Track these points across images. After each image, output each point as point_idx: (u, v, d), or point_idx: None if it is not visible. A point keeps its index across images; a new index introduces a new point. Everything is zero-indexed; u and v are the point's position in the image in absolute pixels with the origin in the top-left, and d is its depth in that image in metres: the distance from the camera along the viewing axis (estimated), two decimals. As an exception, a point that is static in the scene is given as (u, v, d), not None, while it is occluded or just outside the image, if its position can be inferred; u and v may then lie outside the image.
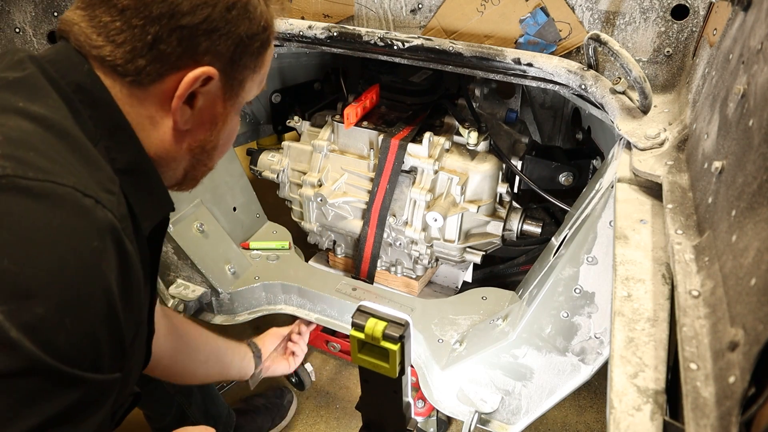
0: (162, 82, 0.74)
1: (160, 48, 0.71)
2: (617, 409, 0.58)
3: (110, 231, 0.64)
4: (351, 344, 1.01)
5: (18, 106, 0.66)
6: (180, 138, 0.80)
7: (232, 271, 1.65)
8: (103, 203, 0.64)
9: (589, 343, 1.18)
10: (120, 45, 0.71)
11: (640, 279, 0.74)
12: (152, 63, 0.72)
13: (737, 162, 0.63)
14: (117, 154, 0.73)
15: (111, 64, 0.72)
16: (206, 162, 0.87)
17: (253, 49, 0.79)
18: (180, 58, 0.73)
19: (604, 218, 1.06)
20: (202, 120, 0.80)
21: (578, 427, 1.73)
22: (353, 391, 1.84)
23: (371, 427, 1.16)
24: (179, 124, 0.77)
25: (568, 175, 1.53)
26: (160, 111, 0.76)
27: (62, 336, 0.58)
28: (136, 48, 0.71)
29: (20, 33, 1.39)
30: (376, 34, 1.31)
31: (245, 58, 0.79)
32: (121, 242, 0.65)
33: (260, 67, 0.83)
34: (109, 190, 0.67)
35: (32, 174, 0.60)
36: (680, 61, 1.16)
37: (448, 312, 1.51)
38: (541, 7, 1.23)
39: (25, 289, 0.56)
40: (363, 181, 1.61)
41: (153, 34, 0.70)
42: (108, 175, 0.69)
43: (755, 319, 0.47)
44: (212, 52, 0.74)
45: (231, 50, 0.76)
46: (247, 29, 0.76)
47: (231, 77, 0.79)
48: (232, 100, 0.82)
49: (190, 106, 0.77)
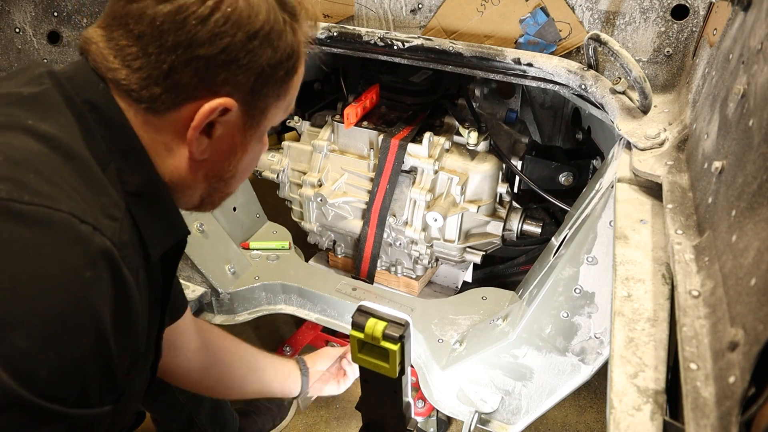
0: (178, 111, 0.71)
1: (176, 77, 0.69)
2: (617, 409, 0.58)
3: (106, 260, 0.61)
4: (351, 344, 1.01)
5: (27, 123, 0.64)
6: (196, 167, 0.77)
7: (232, 271, 1.65)
8: (102, 230, 0.61)
9: (589, 343, 1.18)
10: (136, 71, 0.69)
11: (640, 279, 0.74)
12: (168, 92, 0.70)
13: (737, 162, 0.63)
14: (128, 176, 0.70)
15: (126, 88, 0.70)
16: (224, 189, 0.84)
17: (277, 78, 0.75)
18: (196, 89, 0.70)
19: (604, 218, 1.06)
20: (220, 149, 0.77)
21: (578, 427, 1.73)
22: (353, 391, 1.83)
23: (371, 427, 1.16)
24: (195, 154, 0.74)
25: (568, 175, 1.53)
26: (175, 139, 0.73)
27: (44, 370, 0.56)
28: (151, 75, 0.69)
29: (20, 33, 1.39)
30: (376, 34, 1.31)
31: (268, 87, 0.75)
32: (119, 271, 0.62)
33: (285, 94, 0.79)
34: (111, 216, 0.65)
35: (28, 198, 0.58)
36: (680, 61, 1.16)
37: (448, 312, 1.51)
38: (541, 7, 1.23)
39: (6, 320, 0.54)
40: (363, 181, 1.61)
41: (169, 63, 0.68)
42: (113, 200, 0.67)
43: (755, 319, 0.47)
44: (231, 83, 0.71)
45: (252, 80, 0.72)
46: (270, 58, 0.72)
47: (252, 106, 0.75)
48: (253, 129, 0.78)
49: (208, 136, 0.74)
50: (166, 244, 0.77)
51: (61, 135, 0.65)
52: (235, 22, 0.69)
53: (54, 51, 1.46)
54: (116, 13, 0.70)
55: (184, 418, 1.45)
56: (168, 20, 0.67)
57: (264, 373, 1.29)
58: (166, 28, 0.67)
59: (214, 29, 0.68)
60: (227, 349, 1.24)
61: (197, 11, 0.67)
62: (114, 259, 0.62)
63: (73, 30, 1.49)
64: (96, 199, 0.64)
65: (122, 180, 0.70)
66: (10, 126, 0.64)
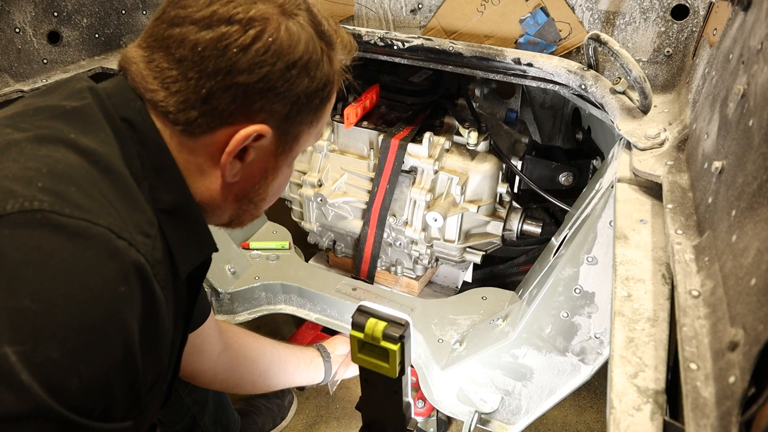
0: (213, 134, 0.72)
1: (214, 103, 0.70)
2: (617, 409, 0.58)
3: (140, 275, 0.62)
4: (351, 344, 1.01)
5: (69, 137, 0.65)
6: (227, 189, 0.78)
7: (232, 271, 1.65)
8: (137, 246, 0.62)
9: (589, 343, 1.18)
10: (174, 94, 0.70)
11: (640, 279, 0.74)
12: (204, 116, 0.71)
13: (737, 162, 0.63)
14: (161, 194, 0.71)
15: (163, 110, 0.71)
16: (253, 211, 0.85)
17: (312, 106, 0.76)
18: (233, 115, 0.71)
19: (604, 218, 1.06)
20: (252, 173, 0.78)
21: (578, 427, 1.73)
22: (353, 391, 1.84)
23: (371, 427, 1.16)
24: (228, 177, 0.76)
25: (568, 175, 1.53)
26: (209, 161, 0.74)
27: (74, 382, 0.56)
28: (189, 99, 0.70)
29: (20, 33, 1.39)
30: (376, 34, 1.31)
31: (302, 115, 0.76)
32: (151, 288, 0.63)
33: (318, 121, 0.80)
34: (146, 233, 0.65)
35: (68, 211, 0.59)
36: (680, 61, 1.16)
37: (448, 312, 1.51)
38: (541, 7, 1.23)
39: (42, 330, 0.54)
40: (363, 181, 1.61)
41: (207, 89, 0.69)
42: (147, 217, 0.67)
43: (755, 319, 0.47)
44: (267, 110, 0.72)
45: (287, 108, 0.74)
46: (306, 87, 0.74)
47: (285, 133, 0.76)
48: (285, 155, 0.79)
49: (241, 160, 0.75)
50: (195, 262, 0.78)
51: (101, 150, 0.66)
52: (276, 52, 0.70)
53: (54, 51, 1.46)
54: (158, 35, 0.72)
55: (188, 419, 1.45)
56: (210, 47, 0.68)
57: (287, 363, 1.31)
58: (207, 55, 0.68)
59: (255, 58, 0.69)
60: (249, 346, 1.25)
61: (239, 40, 0.68)
62: (147, 276, 0.62)
63: (73, 30, 1.49)
64: (132, 215, 0.65)
65: (155, 197, 0.71)
66: (53, 139, 0.65)
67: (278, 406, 1.74)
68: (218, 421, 1.51)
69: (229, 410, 1.56)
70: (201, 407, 1.45)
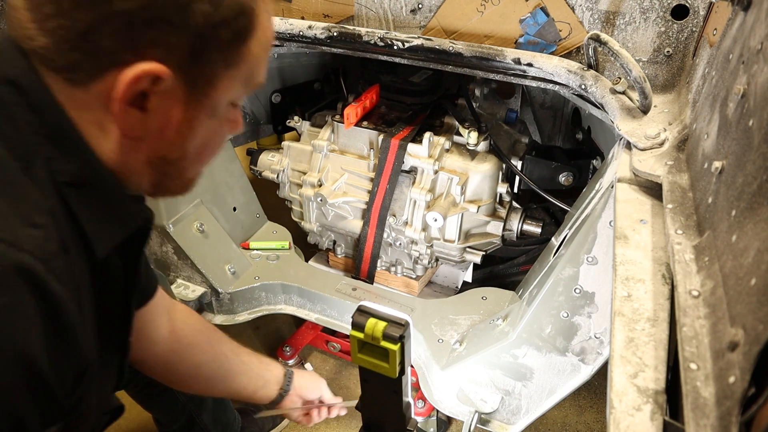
0: (102, 80, 0.60)
1: (94, 39, 0.58)
2: (617, 409, 0.58)
3: (26, 278, 0.54)
4: (351, 344, 1.01)
5: None
6: (135, 148, 0.66)
7: (232, 271, 1.65)
8: (19, 244, 0.54)
9: (589, 343, 1.18)
10: (51, 33, 0.58)
11: (640, 279, 0.74)
12: (87, 57, 0.59)
13: (737, 162, 0.63)
14: (61, 165, 0.61)
15: (44, 57, 0.60)
16: (176, 174, 0.72)
17: (221, 40, 0.63)
18: (119, 52, 0.59)
19: (604, 218, 1.06)
20: (161, 126, 0.65)
21: (578, 427, 1.73)
22: (353, 391, 1.84)
23: (371, 427, 1.16)
24: (127, 131, 0.64)
25: (568, 175, 1.53)
26: (107, 115, 0.62)
27: None
28: (68, 38, 0.58)
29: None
30: (376, 34, 1.31)
31: (211, 52, 0.63)
32: (44, 288, 0.56)
33: (238, 62, 0.66)
34: (33, 223, 0.57)
35: None
36: (680, 61, 1.16)
37: (448, 312, 1.51)
38: (541, 7, 1.23)
39: None
40: (363, 181, 1.61)
41: (85, 22, 0.57)
42: (34, 202, 0.58)
43: (755, 319, 0.47)
44: (162, 45, 0.60)
45: (188, 43, 0.61)
46: (208, 16, 0.60)
47: (193, 74, 0.63)
48: (199, 102, 0.66)
49: (141, 109, 0.63)
50: (116, 239, 0.68)
51: None
52: None
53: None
54: None
55: (185, 418, 1.45)
56: None
57: (233, 380, 1.19)
58: None
59: None
60: (199, 347, 1.14)
61: None
62: (35, 275, 0.55)
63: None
64: (12, 206, 0.56)
65: (54, 170, 0.61)
66: None
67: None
68: (217, 419, 1.51)
69: (229, 408, 1.56)
70: (198, 405, 1.44)
